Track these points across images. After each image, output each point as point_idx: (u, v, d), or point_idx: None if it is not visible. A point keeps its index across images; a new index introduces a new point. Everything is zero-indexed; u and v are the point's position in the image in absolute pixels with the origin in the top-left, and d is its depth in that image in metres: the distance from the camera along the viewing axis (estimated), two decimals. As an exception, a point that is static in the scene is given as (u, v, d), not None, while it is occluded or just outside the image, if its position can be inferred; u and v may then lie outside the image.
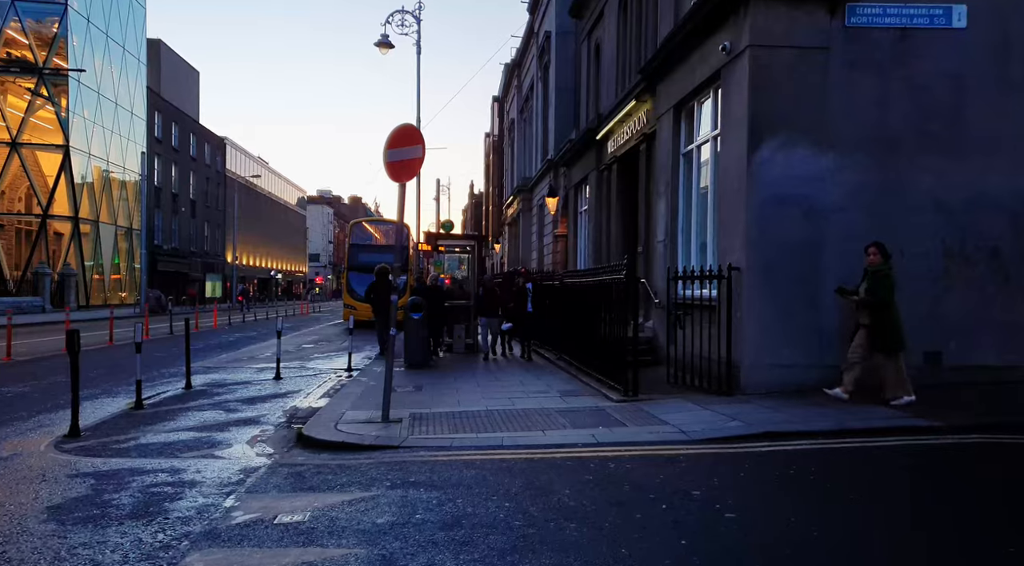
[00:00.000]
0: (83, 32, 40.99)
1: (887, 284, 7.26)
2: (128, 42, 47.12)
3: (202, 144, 60.23)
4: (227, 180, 65.40)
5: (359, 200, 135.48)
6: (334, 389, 10.77)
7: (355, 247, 28.38)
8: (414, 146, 7.15)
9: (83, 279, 41.18)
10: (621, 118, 13.81)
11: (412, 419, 7.47)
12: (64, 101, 39.42)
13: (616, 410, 7.61)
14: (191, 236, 57.62)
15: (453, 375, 11.49)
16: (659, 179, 11.32)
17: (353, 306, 27.33)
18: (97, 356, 15.44)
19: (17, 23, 38.94)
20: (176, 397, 9.88)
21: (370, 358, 15.73)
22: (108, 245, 44.56)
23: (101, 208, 43.44)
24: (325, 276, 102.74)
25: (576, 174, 18.64)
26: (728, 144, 8.63)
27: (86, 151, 41.20)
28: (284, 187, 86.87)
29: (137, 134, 47.60)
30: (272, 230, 79.15)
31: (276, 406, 9.23)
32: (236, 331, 24.57)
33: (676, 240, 10.68)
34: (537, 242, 26.08)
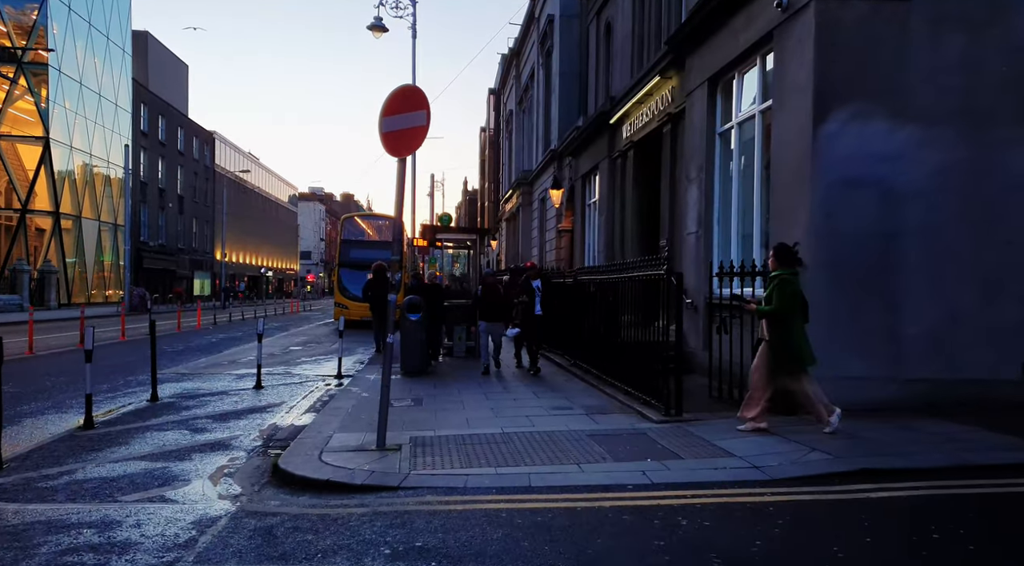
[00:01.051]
0: (64, 20, 39.41)
1: (786, 292, 6.03)
2: (112, 31, 45.50)
3: (190, 138, 58.62)
4: (216, 175, 63.80)
5: (351, 197, 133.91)
6: (321, 401, 9.44)
7: (346, 243, 27.03)
8: (416, 112, 5.83)
9: (64, 276, 39.63)
10: (640, 98, 12.52)
11: (413, 445, 6.16)
12: (44, 91, 37.83)
13: (660, 434, 6.32)
14: (179, 233, 56.04)
15: (456, 385, 10.18)
16: (689, 163, 10.04)
17: (344, 305, 25.99)
18: (61, 361, 14.04)
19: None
20: (136, 413, 8.52)
21: (362, 363, 14.41)
22: (91, 241, 42.99)
23: (84, 203, 41.87)
24: (317, 274, 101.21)
25: (584, 164, 17.34)
26: (785, 118, 7.35)
27: (67, 143, 39.64)
28: (275, 183, 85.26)
29: (122, 126, 46.01)
30: (263, 227, 77.54)
31: (252, 424, 7.90)
32: (220, 331, 23.18)
33: (711, 231, 9.40)
34: (538, 237, 24.79)
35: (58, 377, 11.50)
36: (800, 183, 6.96)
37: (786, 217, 7.29)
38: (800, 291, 6.11)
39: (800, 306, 6.12)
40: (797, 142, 7.02)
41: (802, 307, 6.14)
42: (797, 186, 7.02)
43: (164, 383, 11.09)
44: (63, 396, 9.66)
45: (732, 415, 7.01)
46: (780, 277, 6.08)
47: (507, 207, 31.79)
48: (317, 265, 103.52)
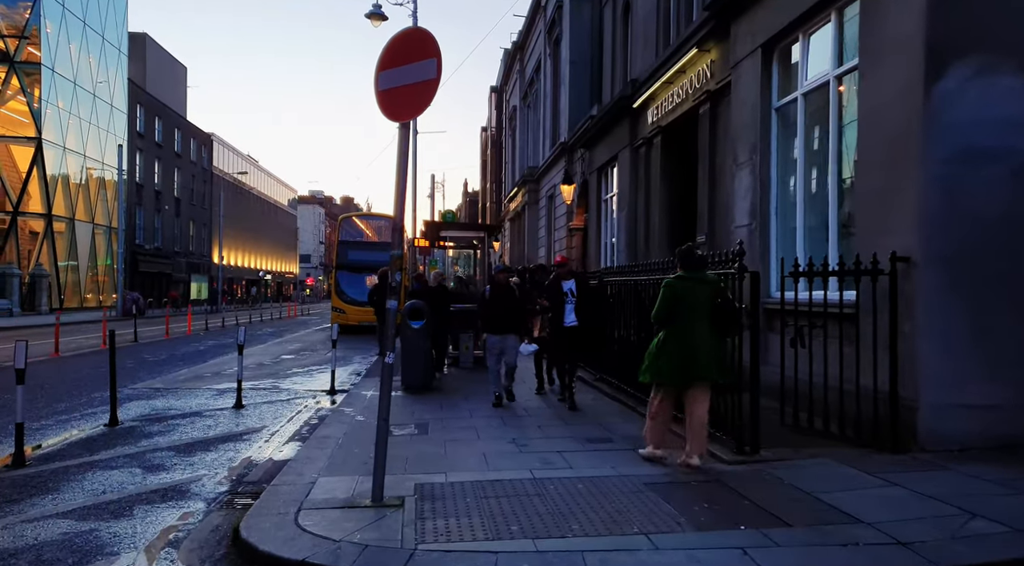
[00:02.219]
0: (58, 19, 38.13)
1: (663, 296, 5.51)
2: (108, 31, 44.22)
3: (188, 140, 57.30)
4: (214, 177, 62.47)
5: (351, 200, 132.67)
6: (309, 426, 8.03)
7: (344, 245, 25.67)
8: (424, 62, 4.41)
9: (57, 280, 38.27)
10: (670, 78, 11.12)
11: (420, 498, 4.73)
12: (37, 91, 36.54)
13: (740, 481, 4.89)
14: (175, 236, 54.68)
15: (467, 405, 8.75)
16: (736, 145, 8.62)
17: (342, 310, 24.63)
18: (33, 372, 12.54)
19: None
20: (86, 442, 7.10)
21: (359, 374, 13.00)
22: (85, 244, 41.63)
23: (77, 205, 40.54)
24: (316, 277, 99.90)
25: (600, 155, 15.93)
26: (879, 79, 5.93)
27: (61, 144, 38.34)
28: (274, 186, 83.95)
29: (117, 128, 44.69)
30: (261, 230, 76.20)
31: (222, 458, 6.48)
32: (210, 338, 21.77)
33: (768, 223, 7.97)
34: (546, 237, 23.39)
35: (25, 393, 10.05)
36: (904, 158, 5.54)
37: (881, 202, 5.86)
38: (682, 296, 5.40)
39: (690, 313, 5.39)
40: (898, 108, 5.60)
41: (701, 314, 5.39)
42: (899, 162, 5.60)
43: (133, 400, 9.71)
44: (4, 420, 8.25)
45: (822, 451, 5.58)
46: (665, 281, 5.66)
47: (511, 206, 30.39)
48: (316, 268, 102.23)
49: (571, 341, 8.48)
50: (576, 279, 8.57)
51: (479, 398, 9.19)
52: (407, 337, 10.43)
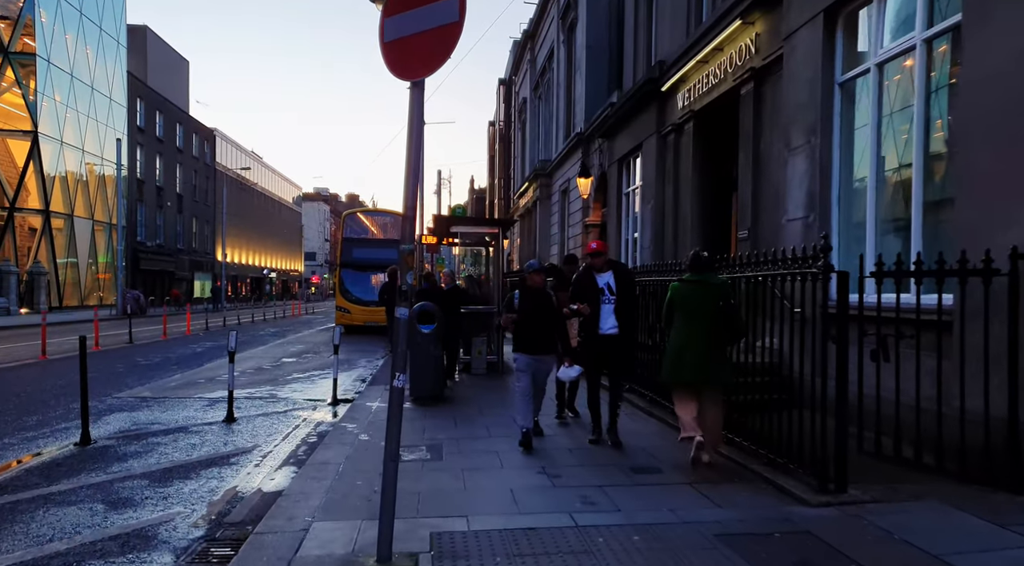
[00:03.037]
0: (53, 8, 37.24)
1: (666, 299, 5.87)
2: (105, 22, 43.36)
3: (190, 135, 56.46)
4: (217, 174, 61.64)
5: (356, 197, 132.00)
6: (306, 445, 7.09)
7: (349, 242, 24.75)
8: (442, 1, 3.45)
9: (56, 278, 37.48)
10: (705, 56, 10.12)
11: (437, 555, 3.77)
12: (32, 83, 35.69)
13: (835, 534, 3.91)
14: (178, 233, 53.87)
15: (484, 421, 7.78)
16: (790, 128, 7.61)
17: (346, 309, 23.73)
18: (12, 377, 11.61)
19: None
20: (46, 468, 6.16)
21: (364, 381, 12.07)
22: (84, 241, 40.84)
23: (76, 201, 39.73)
24: (321, 275, 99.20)
25: (621, 145, 14.92)
26: (992, 38, 4.92)
27: (58, 138, 37.50)
28: (279, 183, 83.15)
29: (116, 122, 43.86)
30: (266, 227, 75.41)
31: (203, 490, 5.53)
32: (208, 339, 20.87)
33: (829, 215, 6.97)
34: (559, 234, 22.40)
35: None
36: (1024, 133, 4.54)
37: (994, 188, 4.85)
38: (680, 299, 5.65)
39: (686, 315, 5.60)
40: (1019, 74, 4.59)
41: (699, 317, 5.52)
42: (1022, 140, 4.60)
43: (115, 412, 8.78)
44: (-33, 438, 7.32)
45: (923, 490, 4.60)
46: (671, 284, 5.93)
47: (521, 202, 29.40)
48: (321, 266, 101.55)
49: (612, 355, 6.39)
50: (616, 271, 6.50)
51: (496, 413, 8.23)
52: (416, 343, 9.48)
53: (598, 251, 6.58)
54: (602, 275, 6.48)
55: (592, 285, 6.46)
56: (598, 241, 6.63)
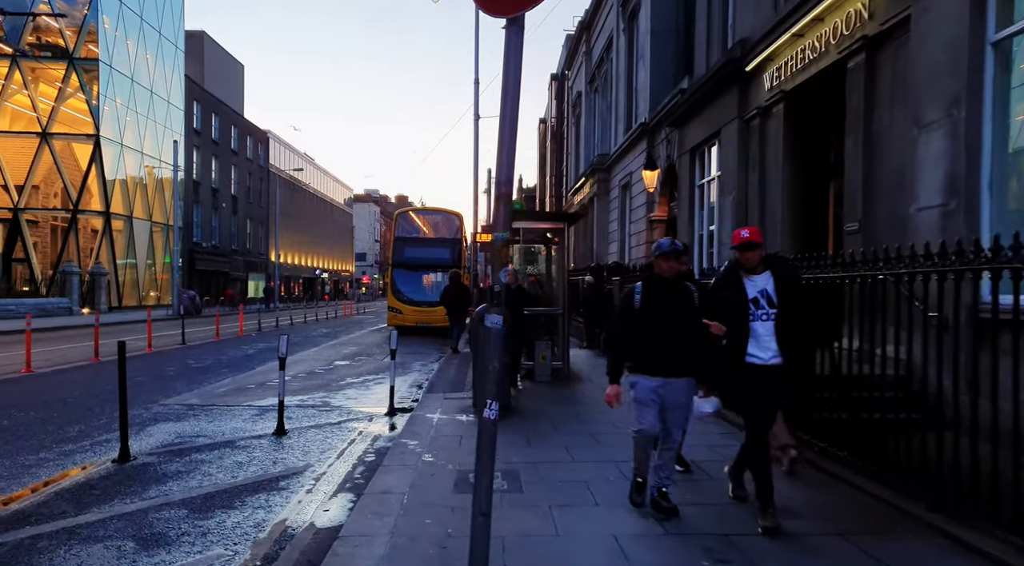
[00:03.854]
0: (116, 14, 37.88)
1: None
2: (164, 27, 44.04)
3: (244, 137, 57.19)
4: (271, 175, 62.36)
5: (405, 198, 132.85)
6: (364, 465, 6.31)
7: (400, 241, 24.17)
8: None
9: (115, 278, 38.12)
10: (801, 28, 9.00)
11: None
12: (95, 88, 36.36)
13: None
14: (232, 234, 54.56)
15: (560, 439, 6.88)
16: (923, 100, 6.49)
17: (398, 309, 23.14)
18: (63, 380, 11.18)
19: (47, 6, 35.95)
20: (78, 491, 5.51)
21: (420, 387, 11.32)
22: (143, 242, 41.52)
23: (135, 202, 40.38)
24: (371, 275, 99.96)
25: (693, 134, 13.83)
26: None
27: (118, 141, 38.15)
28: (330, 185, 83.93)
29: (174, 124, 44.53)
30: (318, 228, 76.12)
31: (248, 523, 4.78)
32: (261, 340, 20.49)
33: (978, 201, 5.84)
34: (618, 231, 21.34)
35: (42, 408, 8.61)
36: None
37: None
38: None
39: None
40: None
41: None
42: None
43: (160, 422, 8.18)
44: (24, 441, 6.74)
45: None
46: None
47: (576, 199, 28.40)
48: (372, 266, 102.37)
49: (777, 396, 4.45)
50: (776, 272, 4.44)
51: (572, 429, 7.33)
52: (479, 348, 8.65)
53: (751, 242, 4.38)
54: (756, 278, 4.41)
55: (739, 293, 4.41)
56: (751, 228, 4.55)
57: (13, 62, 35.63)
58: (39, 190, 39.41)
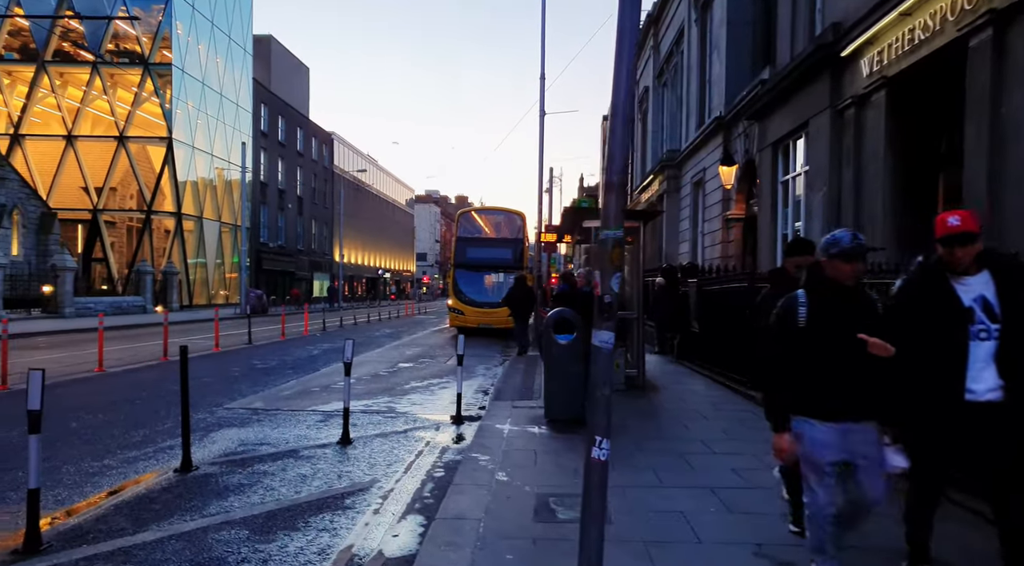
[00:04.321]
0: (188, 19, 38.99)
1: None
2: (234, 31, 45.14)
3: (309, 139, 58.25)
4: (335, 176, 63.38)
5: (465, 199, 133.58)
6: (433, 482, 5.87)
7: (463, 241, 23.87)
8: None
9: (186, 278, 39.24)
10: (910, 7, 8.13)
11: None
12: (168, 92, 37.51)
13: None
14: (298, 234, 55.62)
15: (645, 459, 6.29)
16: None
17: (460, 310, 22.83)
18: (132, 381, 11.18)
19: (124, 12, 37.25)
20: (138, 504, 5.23)
21: (485, 393, 10.89)
22: (212, 242, 42.64)
23: (205, 203, 41.50)
24: (432, 275, 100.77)
25: (776, 127, 12.96)
26: None
27: (190, 144, 39.24)
28: (393, 186, 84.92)
29: (242, 127, 45.60)
30: (380, 229, 77.10)
31: (311, 549, 4.37)
32: (325, 340, 20.48)
33: None
34: (690, 230, 20.48)
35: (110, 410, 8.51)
36: None
37: None
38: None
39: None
40: None
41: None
42: None
43: (223, 428, 7.95)
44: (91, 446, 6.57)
45: None
46: None
47: (643, 197, 27.55)
48: (432, 266, 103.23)
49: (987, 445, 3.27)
50: (999, 273, 3.31)
51: (657, 447, 6.73)
52: (552, 355, 8.14)
53: (967, 232, 3.24)
54: (969, 282, 3.32)
55: (948, 303, 3.33)
56: (962, 212, 3.32)
57: (94, 69, 37.07)
58: (116, 192, 40.93)
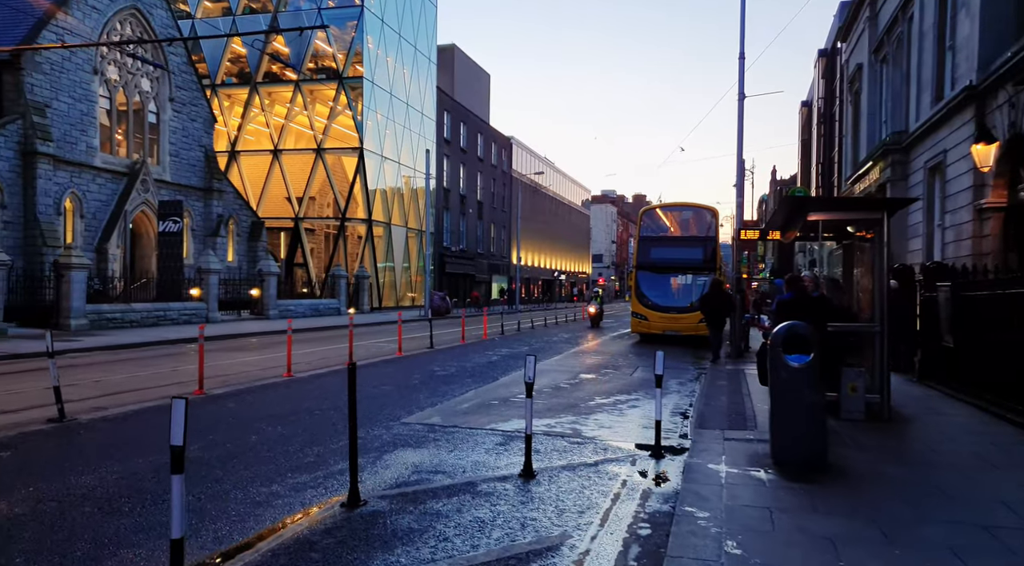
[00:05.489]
0: (377, 32, 40.94)
1: None
2: (419, 42, 46.86)
3: (489, 144, 59.32)
4: (513, 180, 64.08)
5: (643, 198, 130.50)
6: (640, 551, 4.59)
7: (646, 241, 22.29)
8: None
9: (376, 281, 41.17)
10: None
11: None
12: (360, 104, 39.60)
13: None
14: (478, 237, 56.78)
15: (928, 526, 4.55)
16: None
17: (643, 315, 21.29)
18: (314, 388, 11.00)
19: (323, 32, 39.91)
20: (297, 550, 4.46)
21: (684, 414, 9.43)
22: (400, 247, 44.47)
23: (393, 210, 43.36)
24: (607, 277, 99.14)
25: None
26: None
27: (378, 153, 41.15)
28: (569, 187, 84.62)
29: (427, 134, 47.20)
30: (556, 230, 77.01)
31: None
32: (503, 345, 19.89)
33: None
34: (923, 224, 17.33)
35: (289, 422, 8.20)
36: None
37: None
38: None
39: None
40: None
41: None
42: None
43: (398, 449, 7.23)
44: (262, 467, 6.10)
45: None
46: None
47: (857, 188, 24.18)
48: (608, 268, 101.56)
49: None
50: None
51: (940, 510, 4.93)
52: (782, 380, 6.51)
53: None
54: None
55: None
56: None
57: (296, 86, 40.04)
58: (315, 201, 43.96)
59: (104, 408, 8.97)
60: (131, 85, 27.43)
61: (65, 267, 19.65)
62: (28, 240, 22.81)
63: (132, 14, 27.16)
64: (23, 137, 22.71)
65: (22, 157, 22.74)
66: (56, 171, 23.60)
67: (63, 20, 23.96)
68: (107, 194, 25.92)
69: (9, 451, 6.87)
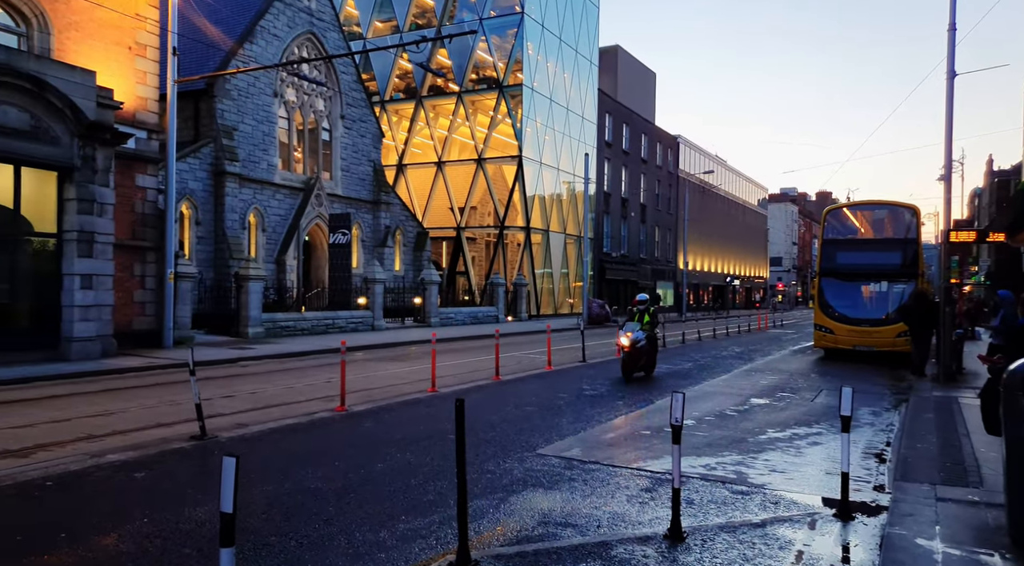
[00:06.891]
0: (537, 38, 40.88)
1: None
2: (581, 45, 46.25)
3: (654, 145, 57.37)
4: (679, 181, 61.51)
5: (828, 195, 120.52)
6: None
7: (831, 244, 19.84)
8: None
9: (534, 288, 41.02)
10: None
11: None
12: (519, 112, 39.71)
13: None
14: (640, 242, 55.01)
15: None
16: None
17: (828, 328, 18.90)
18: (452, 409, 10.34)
19: (484, 42, 40.58)
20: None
21: (878, 455, 7.78)
22: (557, 254, 44.05)
23: (551, 216, 43.03)
24: (787, 282, 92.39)
25: None
26: None
27: (537, 160, 41.01)
28: (742, 186, 79.89)
29: (587, 138, 46.44)
30: (728, 232, 72.91)
31: None
32: (663, 360, 18.40)
33: None
34: None
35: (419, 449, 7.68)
36: None
37: None
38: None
39: None
40: None
41: None
42: None
43: (526, 490, 6.37)
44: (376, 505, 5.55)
45: None
46: None
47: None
48: (788, 272, 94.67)
49: None
50: None
51: None
52: (1015, 425, 4.86)
53: None
54: None
55: None
56: None
57: (458, 98, 40.95)
58: (476, 210, 44.71)
59: (245, 425, 8.99)
60: (307, 105, 29.25)
61: (244, 278, 21.07)
62: (218, 253, 24.91)
63: (308, 38, 28.96)
64: (215, 159, 24.87)
65: (213, 177, 24.90)
66: (241, 189, 25.59)
67: (249, 48, 25.99)
68: (285, 209, 27.75)
69: (143, 471, 6.88)
